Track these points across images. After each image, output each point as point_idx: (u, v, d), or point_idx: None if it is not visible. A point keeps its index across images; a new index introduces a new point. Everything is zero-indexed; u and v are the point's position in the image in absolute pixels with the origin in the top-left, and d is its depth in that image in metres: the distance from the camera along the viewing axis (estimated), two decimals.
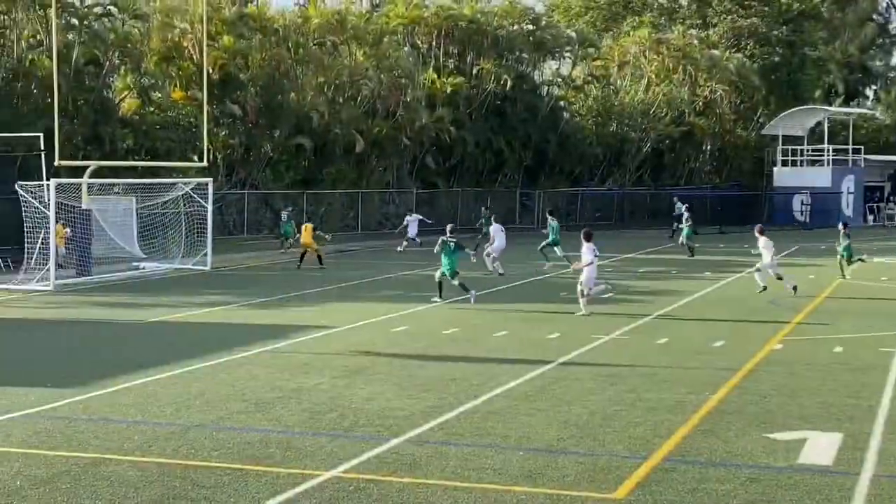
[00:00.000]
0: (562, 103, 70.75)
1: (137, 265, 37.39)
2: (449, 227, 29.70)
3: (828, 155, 71.51)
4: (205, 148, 40.22)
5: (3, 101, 46.52)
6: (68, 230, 34.34)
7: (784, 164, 73.12)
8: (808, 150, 73.61)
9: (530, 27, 66.97)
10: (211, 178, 39.08)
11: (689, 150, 76.58)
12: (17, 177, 39.74)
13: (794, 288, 28.22)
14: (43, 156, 38.93)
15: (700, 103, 75.07)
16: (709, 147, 78.60)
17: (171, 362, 18.24)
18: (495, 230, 35.47)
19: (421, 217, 45.33)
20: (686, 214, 43.90)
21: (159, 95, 53.29)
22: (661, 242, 48.64)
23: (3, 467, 11.71)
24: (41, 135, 39.59)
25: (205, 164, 40.07)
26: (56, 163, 34.41)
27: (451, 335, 21.72)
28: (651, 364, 18.27)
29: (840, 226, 34.55)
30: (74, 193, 34.46)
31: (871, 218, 71.57)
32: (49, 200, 31.44)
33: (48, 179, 33.31)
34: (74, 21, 49.59)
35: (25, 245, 32.61)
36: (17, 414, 14.30)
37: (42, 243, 31.88)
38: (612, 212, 68.75)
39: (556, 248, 36.82)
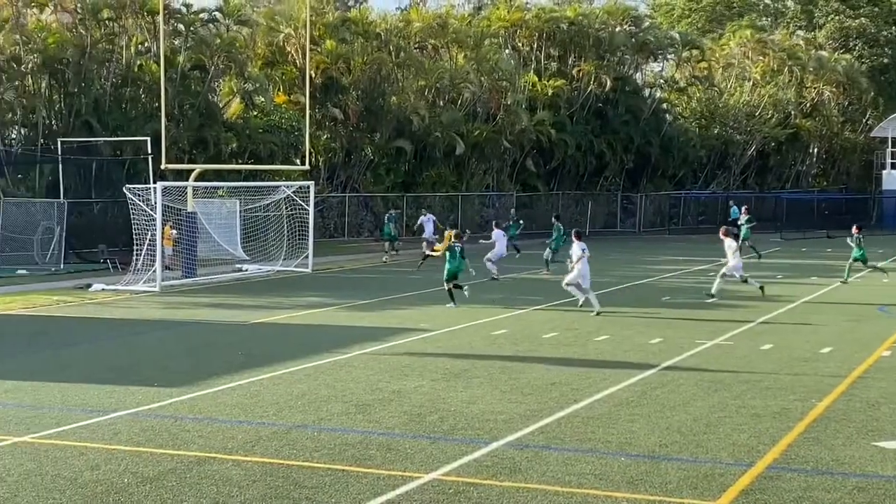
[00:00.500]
0: (665, 105, 70.05)
1: (241, 267, 37.94)
2: (454, 232, 30.24)
3: None
4: (307, 151, 40.65)
5: (112, 107, 47.63)
6: (174, 232, 34.98)
7: (894, 167, 71.35)
8: None
9: (633, 28, 66.39)
10: (312, 181, 39.48)
11: (796, 153, 75.32)
12: (125, 180, 40.71)
13: (762, 288, 28.71)
14: (150, 159, 39.75)
15: (807, 105, 73.79)
16: (815, 149, 77.24)
17: (273, 363, 18.44)
18: (497, 236, 35.24)
19: (434, 218, 44.26)
20: (745, 216, 43.79)
21: (262, 99, 54.01)
22: (767, 246, 47.83)
23: (111, 465, 11.93)
24: (148, 138, 40.44)
25: (307, 167, 40.48)
26: (162, 166, 35.11)
27: (551, 339, 21.60)
28: (755, 370, 17.95)
29: (853, 229, 33.96)
30: (180, 196, 35.09)
31: None
32: (156, 203, 32.03)
33: (155, 182, 33.95)
34: (181, 27, 50.52)
35: (133, 247, 33.29)
36: (124, 412, 14.58)
37: (149, 245, 32.51)
38: (715, 215, 67.76)
39: (550, 251, 36.95)
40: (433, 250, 30.62)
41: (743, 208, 46.18)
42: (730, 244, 29.05)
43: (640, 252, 45.81)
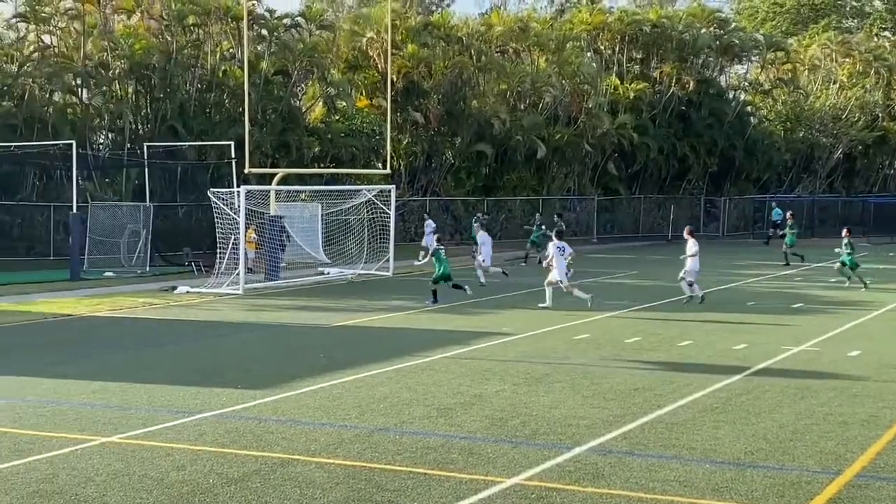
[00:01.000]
0: (749, 108, 69.16)
1: (323, 270, 38.20)
2: (437, 236, 32.39)
3: None
4: (388, 155, 40.84)
5: (196, 111, 48.31)
6: (255, 235, 35.35)
7: None
8: None
9: (718, 31, 65.67)
10: (393, 185, 39.66)
11: (883, 156, 73.94)
12: (209, 184, 41.25)
13: (702, 298, 27.96)
14: (234, 163, 40.23)
15: (895, 107, 72.29)
16: None
17: (355, 366, 18.51)
18: (483, 239, 35.20)
19: (434, 225, 42.91)
20: (790, 221, 43.07)
21: (344, 104, 54.39)
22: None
23: (197, 465, 12.06)
24: (232, 143, 40.94)
25: (388, 171, 40.66)
26: (246, 170, 35.56)
27: (634, 343, 21.41)
28: (843, 377, 17.62)
29: (844, 231, 33.40)
30: (263, 200, 35.44)
31: None
32: (239, 206, 32.39)
33: (238, 186, 34.32)
34: (265, 32, 51.10)
35: (217, 250, 33.70)
36: (209, 414, 14.73)
37: (232, 248, 32.88)
38: (801, 219, 66.74)
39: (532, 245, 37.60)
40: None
41: (788, 213, 45.30)
42: (692, 245, 28.67)
43: (724, 256, 45.31)
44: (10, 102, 44.86)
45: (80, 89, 47.28)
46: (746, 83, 70.75)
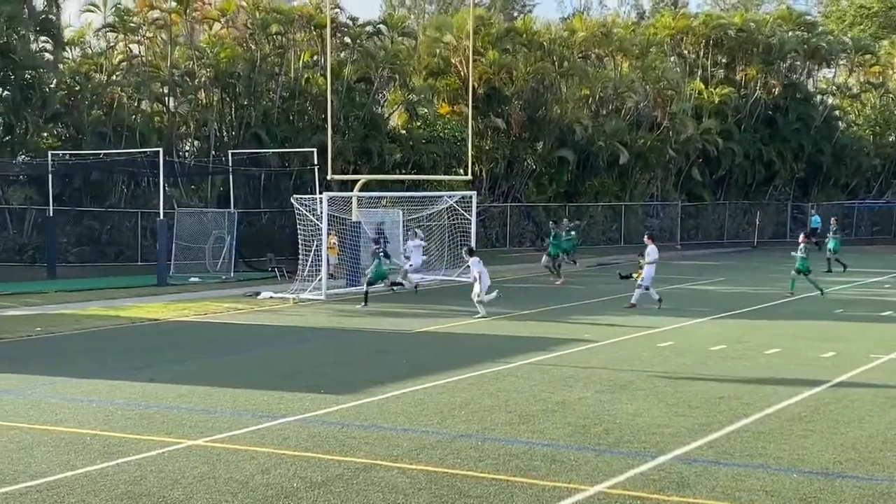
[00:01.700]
0: (837, 112, 67.98)
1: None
2: (374, 238, 33.69)
3: None
4: (469, 161, 40.83)
5: (280, 119, 48.82)
6: (335, 240, 35.59)
7: None
8: None
9: (804, 34, 64.66)
10: (475, 191, 39.62)
11: None
12: (292, 190, 41.65)
13: (659, 300, 28.15)
14: (316, 170, 40.56)
15: None
16: None
17: (437, 372, 18.53)
18: (414, 246, 35.61)
19: (424, 243, 37.69)
20: (835, 227, 42.46)
21: (426, 110, 54.52)
22: None
23: (281, 469, 12.15)
24: (315, 150, 41.26)
25: (469, 177, 40.67)
26: (328, 176, 35.79)
27: (719, 351, 21.14)
28: None
29: (800, 237, 32.88)
30: (345, 206, 35.67)
31: None
32: (321, 213, 32.63)
33: (321, 192, 34.59)
34: (347, 40, 51.44)
35: (300, 255, 33.99)
36: (292, 418, 14.84)
37: (315, 254, 33.12)
38: (890, 226, 65.51)
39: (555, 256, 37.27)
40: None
41: (833, 219, 44.37)
42: (650, 251, 28.11)
43: (811, 263, 44.54)
44: (99, 111, 45.74)
45: (166, 98, 48.05)
46: (834, 87, 69.57)
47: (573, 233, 41.79)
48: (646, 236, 30.05)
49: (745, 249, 56.05)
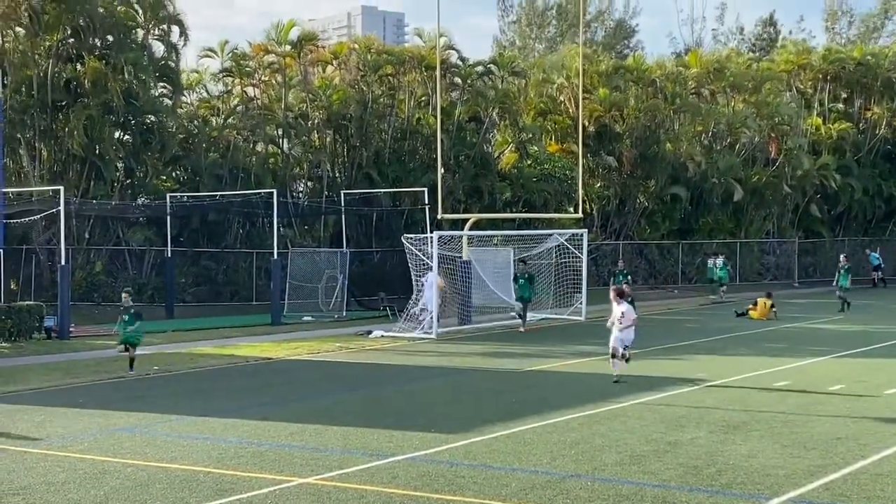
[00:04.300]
0: None
1: (513, 315, 38.18)
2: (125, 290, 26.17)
3: None
4: (580, 199, 40.70)
5: (391, 159, 49.34)
6: (442, 279, 35.66)
7: None
8: None
9: None
10: (586, 229, 39.48)
11: None
12: (403, 229, 41.98)
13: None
14: (427, 209, 40.84)
15: None
16: None
17: (546, 411, 18.39)
18: (428, 284, 33.31)
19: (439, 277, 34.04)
20: (846, 265, 40.57)
21: (536, 149, 54.57)
22: None
23: None
24: (425, 189, 41.59)
25: (580, 214, 40.53)
26: (439, 215, 36.00)
27: (837, 391, 20.60)
28: None
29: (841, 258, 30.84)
30: (456, 245, 35.79)
31: None
32: (432, 252, 32.80)
33: (432, 231, 34.78)
34: (458, 80, 51.82)
35: (411, 294, 34.15)
36: (401, 457, 14.86)
37: (424, 293, 33.25)
38: None
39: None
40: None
41: (842, 256, 42.71)
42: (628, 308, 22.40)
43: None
44: (216, 154, 46.79)
45: (281, 139, 48.97)
46: None
47: (627, 272, 41.93)
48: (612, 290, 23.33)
49: (864, 287, 54.62)
